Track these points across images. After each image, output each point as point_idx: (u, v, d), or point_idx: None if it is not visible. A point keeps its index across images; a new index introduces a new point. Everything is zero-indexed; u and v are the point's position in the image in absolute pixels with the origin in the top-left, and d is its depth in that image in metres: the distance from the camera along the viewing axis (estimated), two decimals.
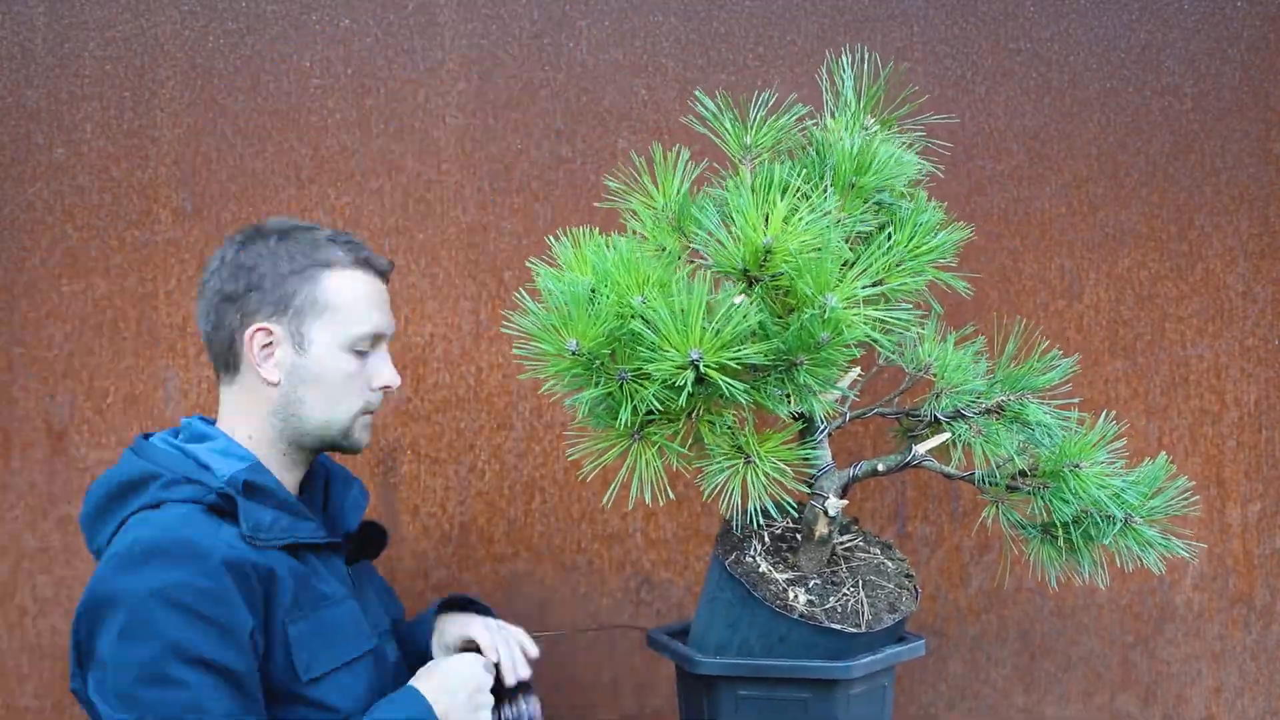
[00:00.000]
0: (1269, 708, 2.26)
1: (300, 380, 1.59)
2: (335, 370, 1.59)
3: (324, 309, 1.58)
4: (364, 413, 1.64)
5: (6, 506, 2.16)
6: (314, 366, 1.58)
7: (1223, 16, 2.25)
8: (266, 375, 1.58)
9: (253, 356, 1.58)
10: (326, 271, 1.59)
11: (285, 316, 1.57)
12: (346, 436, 1.63)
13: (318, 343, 1.58)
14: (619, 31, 2.21)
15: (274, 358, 1.58)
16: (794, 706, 1.60)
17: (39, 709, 2.16)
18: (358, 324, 1.60)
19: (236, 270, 1.58)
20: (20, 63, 2.16)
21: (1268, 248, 2.26)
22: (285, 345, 1.58)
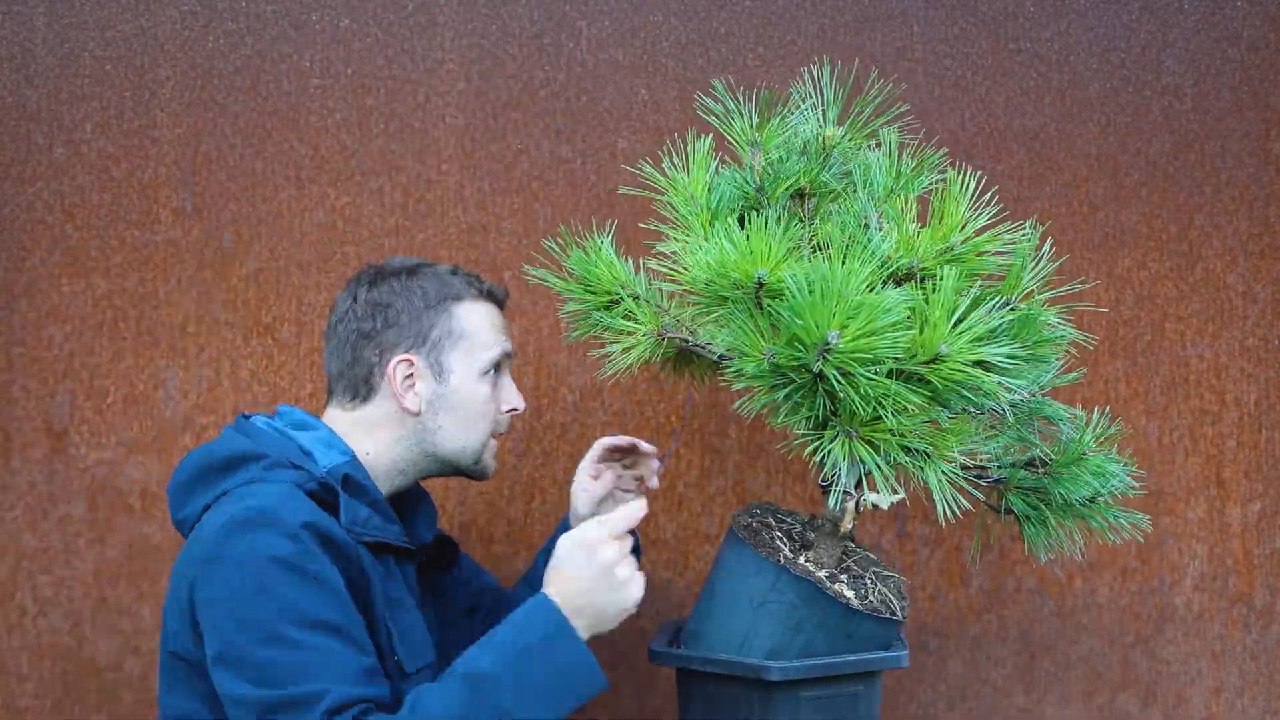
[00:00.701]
0: (1269, 708, 2.26)
1: (440, 409, 1.65)
2: (473, 397, 1.66)
3: (459, 338, 1.66)
4: (493, 436, 1.71)
5: (6, 506, 2.16)
6: (454, 396, 1.65)
7: (1223, 16, 2.25)
8: (408, 405, 1.64)
9: (396, 388, 1.63)
10: (458, 304, 1.67)
11: (424, 348, 1.65)
12: (478, 462, 1.69)
13: (457, 372, 1.66)
14: (619, 31, 2.21)
15: (415, 388, 1.64)
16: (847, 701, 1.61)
17: (39, 709, 2.16)
18: (490, 349, 1.68)
19: (372, 309, 1.65)
20: (20, 63, 2.16)
21: (1268, 248, 2.26)
22: (426, 376, 1.65)
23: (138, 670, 2.17)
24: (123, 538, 2.16)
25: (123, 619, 2.17)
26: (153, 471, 2.16)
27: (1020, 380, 1.48)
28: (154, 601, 2.16)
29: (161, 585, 2.16)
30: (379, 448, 1.65)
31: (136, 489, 2.16)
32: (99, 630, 2.16)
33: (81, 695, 2.16)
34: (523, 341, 2.20)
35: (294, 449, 1.58)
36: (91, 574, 2.16)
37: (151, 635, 2.16)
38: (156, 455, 2.16)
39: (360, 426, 1.65)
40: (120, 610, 2.17)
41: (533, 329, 2.20)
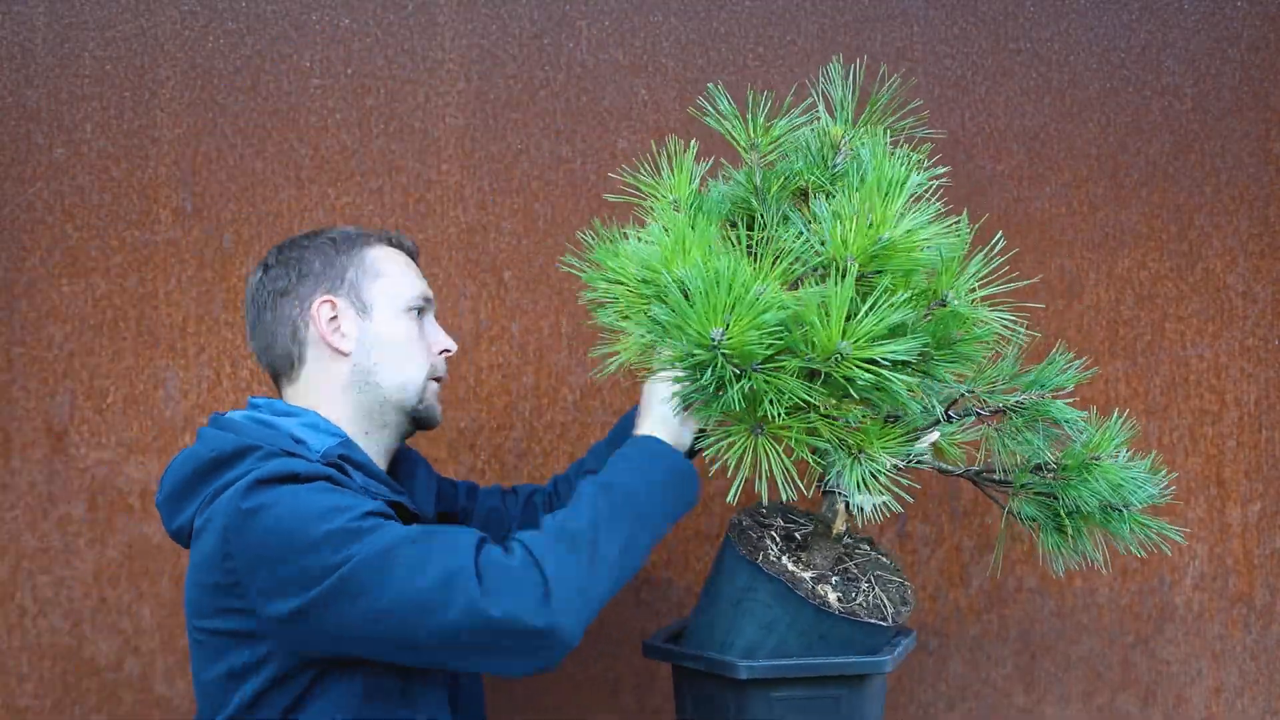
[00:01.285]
0: (1269, 708, 2.26)
1: (371, 345, 1.62)
2: (400, 332, 1.64)
3: (376, 275, 1.64)
4: (432, 378, 1.68)
5: (6, 506, 2.16)
6: (381, 329, 1.63)
7: (1223, 16, 2.25)
8: (338, 345, 1.61)
9: (322, 330, 1.61)
10: (368, 247, 1.66)
11: (343, 288, 1.62)
12: (422, 401, 1.66)
13: (379, 306, 1.63)
14: (619, 31, 2.21)
15: (341, 328, 1.62)
16: (827, 704, 1.60)
17: (39, 709, 2.16)
18: (408, 288, 1.66)
19: (284, 268, 1.63)
20: (20, 63, 2.16)
21: (1268, 248, 2.26)
22: (350, 315, 1.62)
23: (138, 670, 2.17)
24: (123, 538, 2.16)
25: (123, 619, 2.17)
26: (153, 471, 2.16)
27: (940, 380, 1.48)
28: (154, 601, 2.17)
29: (162, 585, 2.16)
30: (335, 408, 1.62)
31: (136, 489, 2.16)
32: (99, 630, 2.16)
33: (81, 695, 2.16)
34: (522, 341, 2.20)
35: (284, 437, 1.54)
36: (91, 574, 2.16)
37: (151, 635, 2.16)
38: (156, 455, 2.16)
39: (312, 393, 1.63)
40: (120, 610, 2.17)
41: (533, 329, 2.20)
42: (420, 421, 1.68)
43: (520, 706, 2.19)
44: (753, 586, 1.60)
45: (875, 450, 1.48)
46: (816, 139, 1.65)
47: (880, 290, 1.42)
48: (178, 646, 2.17)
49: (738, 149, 1.66)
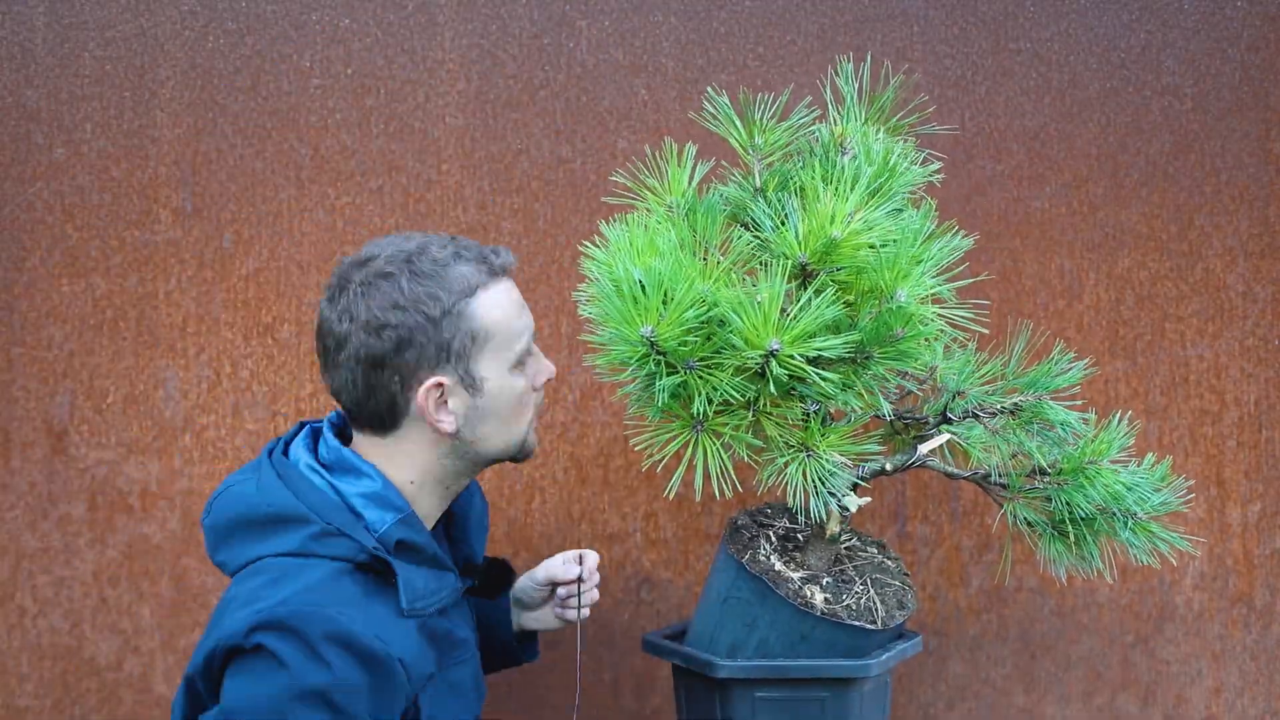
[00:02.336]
0: (1269, 708, 2.26)
1: (479, 420, 1.51)
2: (511, 395, 1.53)
3: (485, 340, 1.49)
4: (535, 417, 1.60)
5: (6, 506, 2.16)
6: (491, 403, 1.51)
7: (1223, 16, 2.25)
8: (445, 429, 1.49)
9: (429, 415, 1.48)
10: (469, 299, 1.48)
11: (449, 363, 1.47)
12: (523, 447, 1.58)
13: (488, 376, 1.50)
14: (619, 31, 2.21)
15: (449, 406, 1.49)
16: (811, 706, 1.60)
17: (39, 709, 2.16)
18: (517, 341, 1.53)
19: (377, 331, 1.45)
20: (20, 63, 2.16)
21: (1268, 248, 2.26)
22: (458, 392, 1.49)
23: (138, 670, 2.17)
24: (123, 538, 2.16)
25: (123, 619, 2.17)
26: (153, 471, 2.16)
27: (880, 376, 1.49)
28: (154, 601, 2.17)
29: (161, 585, 2.16)
30: (423, 470, 1.52)
31: (136, 489, 2.16)
32: (99, 630, 2.16)
33: (81, 695, 2.16)
34: None
35: (344, 512, 1.45)
36: (91, 574, 2.16)
37: (151, 635, 2.16)
38: (156, 455, 2.16)
39: (402, 458, 1.51)
40: (120, 610, 2.17)
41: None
42: (520, 460, 1.60)
43: (520, 707, 2.19)
44: (736, 584, 1.61)
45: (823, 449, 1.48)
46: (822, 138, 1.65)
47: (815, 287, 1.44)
48: (178, 646, 2.17)
49: (737, 151, 1.67)
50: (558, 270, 2.19)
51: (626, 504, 2.21)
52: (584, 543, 2.21)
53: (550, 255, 2.19)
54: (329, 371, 1.50)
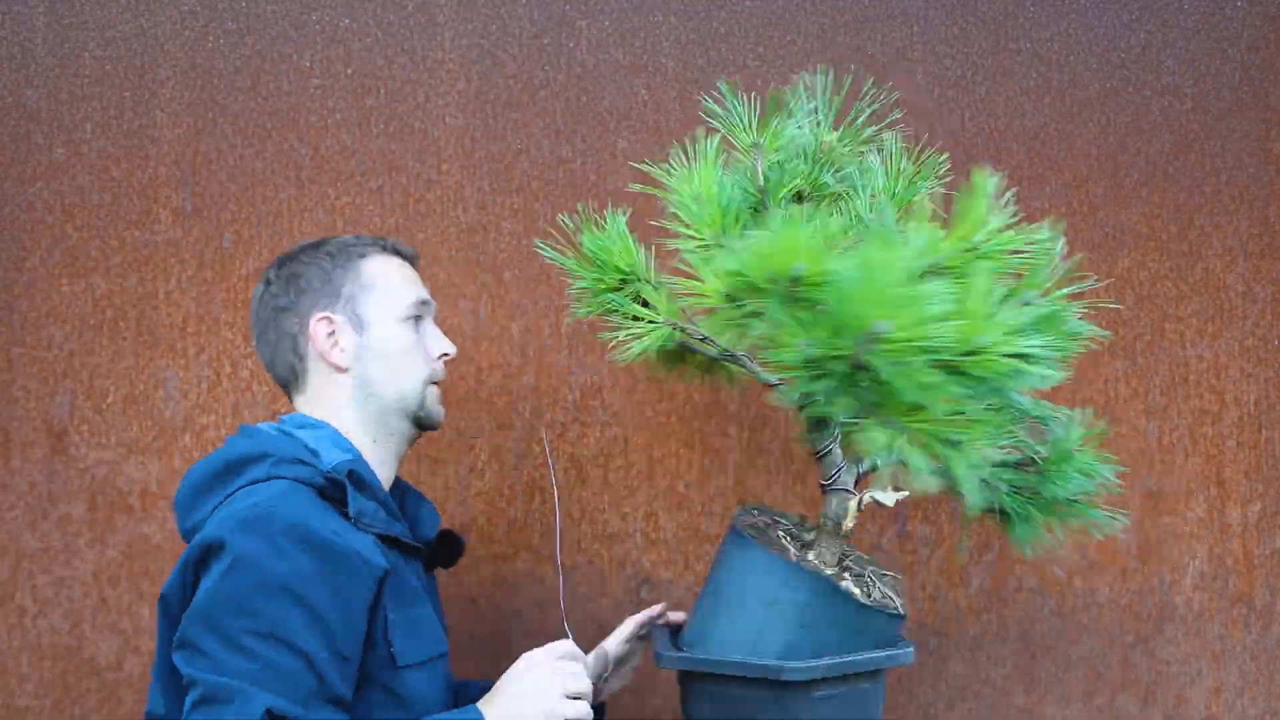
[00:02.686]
0: (1269, 708, 2.26)
1: (368, 359, 1.66)
2: (396, 343, 1.67)
3: (371, 288, 1.67)
4: (430, 382, 1.70)
5: (6, 506, 2.16)
6: (376, 344, 1.66)
7: (1223, 16, 2.25)
8: (336, 361, 1.65)
9: (320, 347, 1.65)
10: (364, 259, 1.69)
11: (339, 303, 1.66)
12: (422, 407, 1.69)
13: (374, 320, 1.66)
14: (619, 31, 2.21)
15: (339, 344, 1.65)
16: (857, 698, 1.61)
17: (39, 709, 2.16)
18: (403, 297, 1.68)
19: (284, 285, 1.68)
20: (20, 63, 2.16)
21: (1268, 248, 2.26)
22: (347, 330, 1.66)
23: (138, 670, 2.17)
24: (123, 538, 2.16)
25: (123, 619, 2.17)
26: (153, 471, 2.16)
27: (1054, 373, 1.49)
28: (154, 601, 2.16)
29: (161, 585, 2.16)
30: (344, 421, 1.66)
31: (136, 489, 2.16)
32: (99, 630, 2.16)
33: (81, 695, 2.16)
34: (523, 342, 2.20)
35: (299, 447, 1.59)
36: (91, 574, 2.16)
37: (151, 635, 2.16)
38: (156, 455, 2.16)
39: (319, 406, 1.67)
40: (120, 610, 2.17)
41: (533, 329, 2.20)
42: (423, 424, 1.71)
43: None
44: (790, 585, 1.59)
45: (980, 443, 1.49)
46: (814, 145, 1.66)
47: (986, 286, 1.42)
48: None
49: (740, 150, 1.67)
50: (558, 270, 2.19)
51: (626, 504, 2.21)
52: (583, 543, 2.21)
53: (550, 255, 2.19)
54: (258, 348, 1.70)
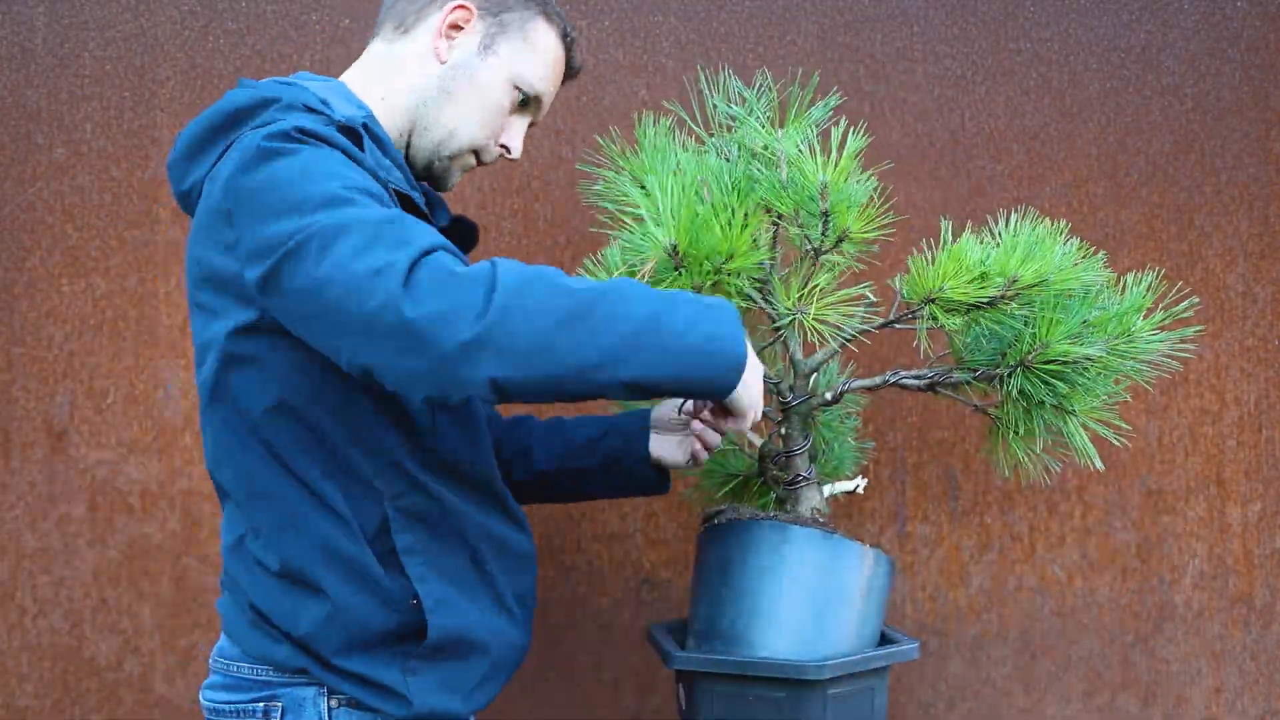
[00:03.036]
0: (1269, 708, 2.26)
1: (462, 76, 1.54)
2: (494, 91, 1.55)
3: (523, 40, 1.56)
4: (474, 152, 1.58)
5: (6, 506, 2.16)
6: (482, 74, 1.54)
7: (1223, 16, 2.25)
8: (439, 50, 1.53)
9: (441, 26, 1.53)
10: (544, 20, 1.57)
11: (491, 17, 1.55)
12: (451, 160, 1.57)
13: (499, 58, 1.54)
14: (619, 31, 2.21)
15: (455, 41, 1.54)
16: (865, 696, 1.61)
17: (39, 709, 2.16)
18: (537, 75, 1.57)
19: None
20: (20, 63, 2.16)
21: (1268, 248, 2.26)
22: (473, 38, 1.55)
23: (138, 670, 2.17)
24: (123, 538, 2.16)
25: (123, 619, 2.17)
26: (153, 471, 2.16)
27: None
28: (154, 601, 2.17)
29: (162, 585, 2.16)
30: (392, 96, 1.54)
31: (136, 489, 2.16)
32: (99, 630, 2.16)
33: (81, 695, 2.16)
34: None
35: (310, 96, 1.43)
36: (91, 574, 2.16)
37: (151, 635, 2.16)
38: (156, 455, 2.16)
39: (389, 64, 1.54)
40: (120, 610, 2.17)
41: None
42: (434, 178, 1.59)
43: (520, 706, 2.19)
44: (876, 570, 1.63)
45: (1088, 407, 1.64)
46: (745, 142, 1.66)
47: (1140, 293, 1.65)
48: (178, 646, 2.17)
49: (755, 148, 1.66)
50: None
51: (626, 504, 2.21)
52: (583, 543, 2.22)
53: (550, 255, 2.19)
54: None
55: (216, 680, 1.49)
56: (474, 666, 1.47)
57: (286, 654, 1.42)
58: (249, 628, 1.45)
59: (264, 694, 1.44)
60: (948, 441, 2.23)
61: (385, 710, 1.42)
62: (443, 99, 1.54)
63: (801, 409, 1.66)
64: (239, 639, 1.46)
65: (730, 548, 1.63)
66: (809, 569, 1.60)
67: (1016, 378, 1.58)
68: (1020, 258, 1.55)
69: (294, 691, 1.43)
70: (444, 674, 1.44)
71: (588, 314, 1.19)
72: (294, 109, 1.39)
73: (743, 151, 1.65)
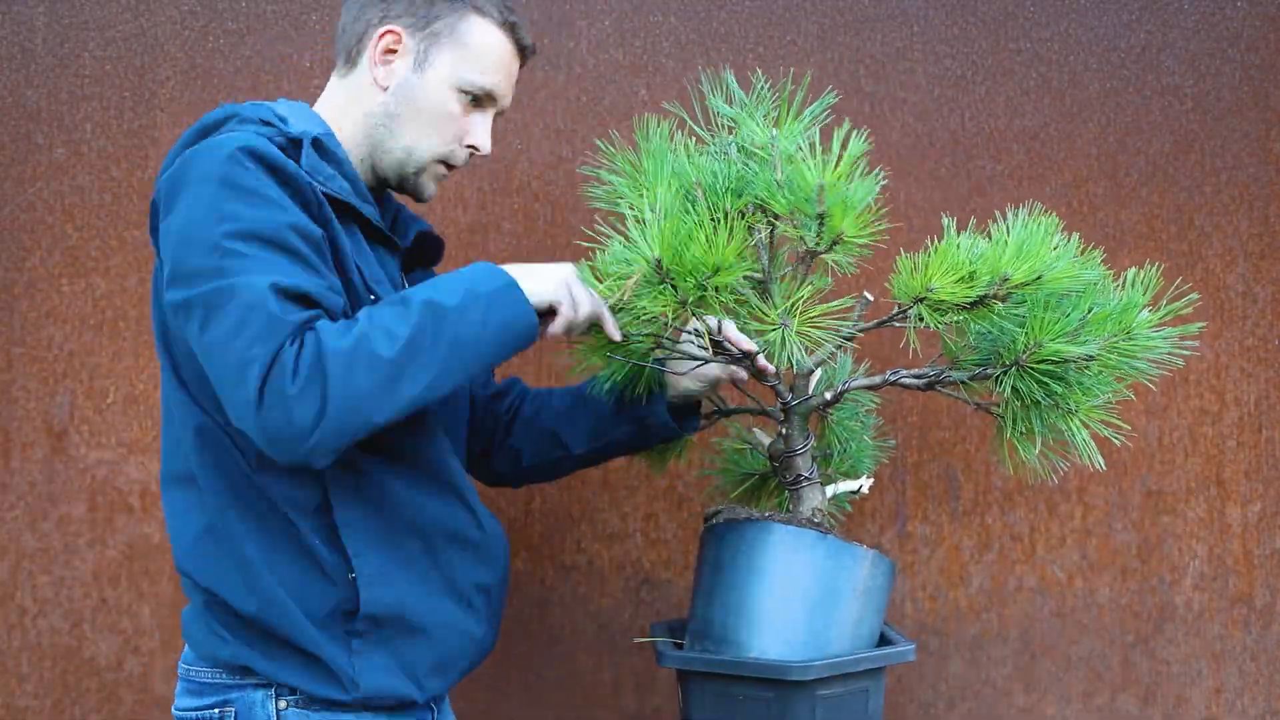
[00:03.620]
0: (1269, 708, 2.26)
1: (405, 98, 1.58)
2: (439, 103, 1.59)
3: (456, 44, 1.58)
4: (442, 161, 1.62)
5: (6, 506, 2.16)
6: (421, 91, 1.58)
7: (1223, 16, 2.25)
8: (379, 78, 1.58)
9: (374, 54, 1.58)
10: (475, 15, 1.59)
11: (420, 33, 1.58)
12: (418, 175, 1.62)
13: (436, 71, 1.58)
14: (619, 31, 2.21)
15: (392, 65, 1.58)
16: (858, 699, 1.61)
17: (39, 709, 2.16)
18: (480, 74, 1.59)
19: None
20: (20, 63, 2.16)
21: (1268, 248, 2.26)
22: (407, 58, 1.58)
23: (138, 670, 2.17)
24: (123, 538, 2.16)
25: (123, 619, 2.17)
26: (152, 471, 2.16)
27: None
28: (154, 601, 2.17)
29: (161, 585, 2.16)
30: (350, 125, 1.60)
31: (136, 489, 2.16)
32: (99, 630, 2.16)
33: (81, 695, 2.16)
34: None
35: (267, 111, 1.53)
36: (91, 574, 2.16)
37: (151, 635, 2.16)
38: (156, 455, 2.16)
39: (341, 99, 1.61)
40: (120, 610, 2.17)
41: None
42: (408, 191, 1.64)
43: (520, 706, 2.19)
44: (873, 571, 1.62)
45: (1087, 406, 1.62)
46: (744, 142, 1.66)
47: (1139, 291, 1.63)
48: (178, 646, 2.16)
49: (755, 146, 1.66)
50: None
51: (626, 504, 2.21)
52: (583, 543, 2.22)
53: (550, 255, 2.19)
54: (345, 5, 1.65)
55: (180, 688, 1.55)
56: (419, 648, 1.50)
57: (231, 652, 1.47)
58: (205, 632, 1.50)
59: (218, 699, 1.50)
60: (948, 441, 2.23)
61: (333, 698, 1.46)
62: (392, 123, 1.59)
63: (801, 409, 1.66)
64: (195, 642, 1.52)
65: (723, 547, 1.64)
66: (801, 569, 1.59)
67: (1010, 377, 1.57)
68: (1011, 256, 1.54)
69: (245, 695, 1.48)
70: (389, 655, 1.48)
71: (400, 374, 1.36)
72: (249, 121, 1.49)
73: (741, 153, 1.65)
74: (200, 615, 1.52)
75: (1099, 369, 1.60)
